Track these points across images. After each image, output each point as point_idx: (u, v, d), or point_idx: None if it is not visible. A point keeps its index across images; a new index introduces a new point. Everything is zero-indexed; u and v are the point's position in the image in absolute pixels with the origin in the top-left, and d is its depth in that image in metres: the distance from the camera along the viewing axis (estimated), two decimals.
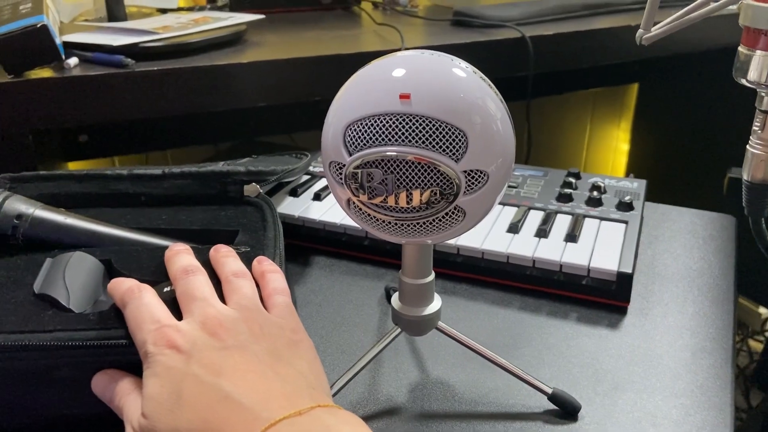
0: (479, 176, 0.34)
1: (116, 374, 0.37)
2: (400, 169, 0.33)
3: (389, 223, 0.35)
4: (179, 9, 0.99)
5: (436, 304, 0.42)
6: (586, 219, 0.59)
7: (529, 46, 0.93)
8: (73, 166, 1.26)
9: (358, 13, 1.19)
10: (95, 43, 0.75)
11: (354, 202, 0.36)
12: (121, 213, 0.52)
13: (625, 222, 0.58)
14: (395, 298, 0.43)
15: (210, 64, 0.76)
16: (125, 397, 0.35)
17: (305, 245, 0.62)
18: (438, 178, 0.33)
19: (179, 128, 0.93)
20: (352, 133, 0.34)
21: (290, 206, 0.63)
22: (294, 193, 0.65)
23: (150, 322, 0.35)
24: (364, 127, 0.33)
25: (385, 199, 0.34)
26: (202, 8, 0.99)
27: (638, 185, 0.65)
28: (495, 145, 0.34)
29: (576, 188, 0.64)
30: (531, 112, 1.02)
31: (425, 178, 0.33)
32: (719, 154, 1.50)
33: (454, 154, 0.33)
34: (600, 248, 0.54)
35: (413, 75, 0.34)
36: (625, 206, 0.60)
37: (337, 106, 0.36)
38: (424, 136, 0.32)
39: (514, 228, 0.57)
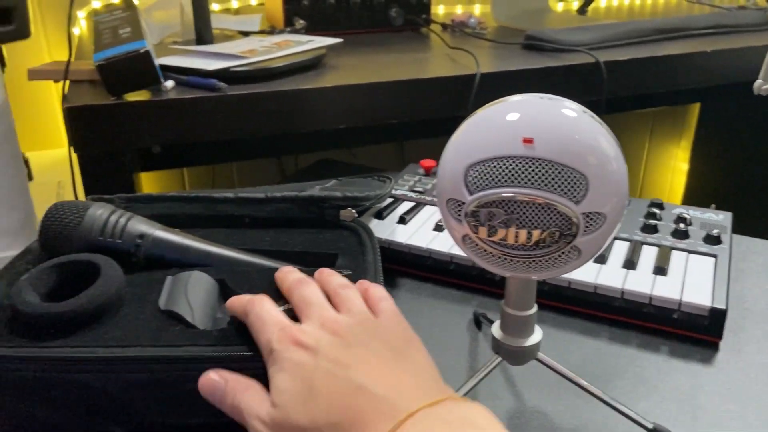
0: (597, 217, 0.35)
1: (225, 373, 0.38)
2: (522, 210, 0.35)
3: (502, 258, 0.37)
4: (260, 32, 1.03)
5: (537, 335, 0.43)
6: (673, 251, 0.59)
7: (603, 71, 0.94)
8: (146, 176, 1.32)
9: (427, 34, 1.21)
10: (191, 67, 0.79)
11: (471, 238, 0.37)
12: (226, 234, 0.55)
13: (714, 256, 0.58)
14: (496, 327, 0.44)
15: (296, 88, 0.79)
16: (241, 393, 0.36)
17: (390, 267, 0.64)
18: (558, 219, 0.34)
19: (245, 142, 0.97)
20: (475, 173, 0.36)
21: (376, 229, 0.65)
22: (379, 215, 0.67)
23: (273, 324, 0.37)
24: (487, 169, 0.35)
25: (504, 237, 0.36)
26: (281, 31, 1.02)
27: (724, 218, 0.64)
28: (611, 184, 0.35)
29: (660, 219, 0.64)
30: None
31: (545, 218, 0.35)
32: None
33: (574, 196, 0.34)
34: (690, 282, 0.54)
35: (532, 119, 0.35)
36: (713, 240, 0.60)
37: (457, 146, 0.37)
38: (546, 178, 0.34)
39: (601, 258, 0.58)
